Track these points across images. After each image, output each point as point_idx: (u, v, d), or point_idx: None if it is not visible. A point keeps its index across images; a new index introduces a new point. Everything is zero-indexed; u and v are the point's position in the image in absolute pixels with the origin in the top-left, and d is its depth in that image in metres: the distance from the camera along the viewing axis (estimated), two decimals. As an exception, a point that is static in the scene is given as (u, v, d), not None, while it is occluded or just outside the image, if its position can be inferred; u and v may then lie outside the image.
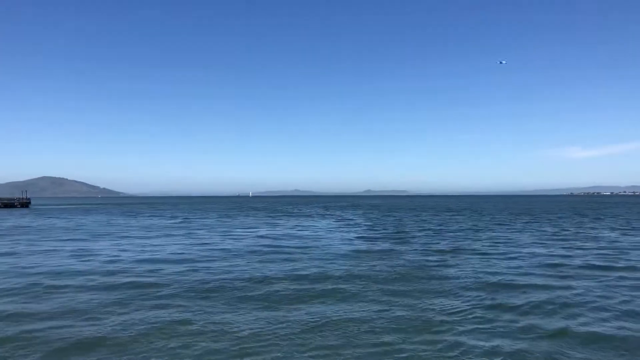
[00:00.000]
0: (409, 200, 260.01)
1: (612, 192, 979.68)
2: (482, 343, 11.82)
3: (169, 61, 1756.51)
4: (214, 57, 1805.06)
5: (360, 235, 41.30)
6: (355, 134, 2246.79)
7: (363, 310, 14.73)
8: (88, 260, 25.66)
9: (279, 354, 10.99)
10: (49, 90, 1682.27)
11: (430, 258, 26.22)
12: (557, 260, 25.10)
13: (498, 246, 31.94)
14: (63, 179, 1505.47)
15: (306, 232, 44.26)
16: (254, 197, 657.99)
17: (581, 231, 44.14)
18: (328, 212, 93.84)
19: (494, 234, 41.86)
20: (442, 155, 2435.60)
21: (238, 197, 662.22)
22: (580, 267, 23.10)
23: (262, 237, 39.74)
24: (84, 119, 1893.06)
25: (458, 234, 41.85)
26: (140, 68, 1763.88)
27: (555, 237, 38.10)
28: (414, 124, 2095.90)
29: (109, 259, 26.32)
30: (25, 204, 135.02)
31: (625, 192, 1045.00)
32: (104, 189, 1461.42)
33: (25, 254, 28.65)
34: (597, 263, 24.28)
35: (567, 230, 45.68)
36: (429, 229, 47.20)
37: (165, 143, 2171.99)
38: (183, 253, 28.83)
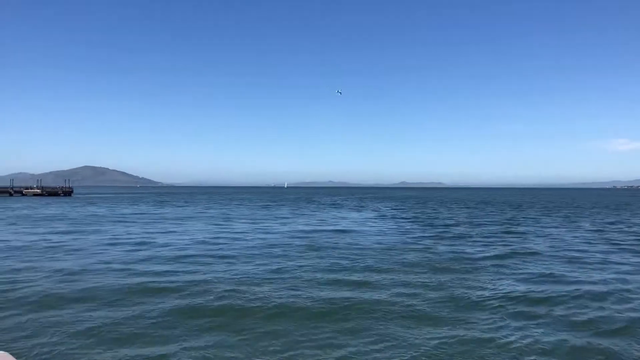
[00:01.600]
0: (445, 192, 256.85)
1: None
2: (527, 339, 11.39)
3: (209, 49, 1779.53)
4: (251, 41, 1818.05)
5: (394, 227, 41.03)
6: (391, 124, 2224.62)
7: (396, 301, 14.48)
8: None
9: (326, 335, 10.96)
10: (93, 82, 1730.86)
11: (467, 250, 25.81)
12: (600, 257, 24.29)
13: (536, 240, 31.12)
14: (104, 168, 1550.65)
15: (340, 224, 44.21)
16: (289, 187, 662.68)
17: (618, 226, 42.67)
18: (362, 204, 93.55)
19: (532, 228, 40.81)
20: (480, 146, 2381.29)
21: (274, 187, 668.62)
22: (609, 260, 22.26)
23: (297, 230, 39.88)
24: (125, 110, 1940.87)
25: (495, 227, 40.99)
26: (182, 58, 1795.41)
27: (595, 232, 36.91)
28: (451, 114, 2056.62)
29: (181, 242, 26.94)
30: (68, 192, 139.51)
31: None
32: (143, 178, 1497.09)
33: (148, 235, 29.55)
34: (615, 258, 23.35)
35: (607, 225, 44.20)
36: (464, 222, 46.45)
37: (202, 133, 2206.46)
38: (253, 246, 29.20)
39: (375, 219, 51.28)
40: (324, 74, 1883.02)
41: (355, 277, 18.33)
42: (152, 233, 34.48)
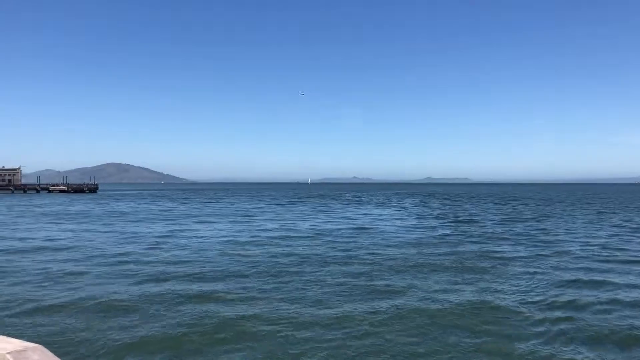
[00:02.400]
0: (471, 188, 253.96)
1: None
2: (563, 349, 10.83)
3: (235, 47, 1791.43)
4: (275, 35, 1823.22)
5: (418, 224, 40.56)
6: (415, 119, 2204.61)
7: (421, 302, 14.03)
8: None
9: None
10: (118, 80, 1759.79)
11: (495, 249, 25.20)
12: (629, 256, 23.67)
13: (567, 239, 30.35)
14: (129, 165, 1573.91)
15: (363, 221, 43.95)
16: (312, 184, 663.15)
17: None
18: (386, 200, 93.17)
19: (562, 225, 40.05)
20: (507, 141, 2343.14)
21: (297, 183, 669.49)
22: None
23: (319, 227, 40.02)
24: (150, 106, 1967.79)
25: (523, 224, 40.24)
26: (207, 56, 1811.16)
27: (632, 231, 36.10)
28: (478, 107, 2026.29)
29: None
30: (93, 189, 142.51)
31: None
32: (167, 175, 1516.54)
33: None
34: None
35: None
36: (492, 218, 45.86)
37: (227, 130, 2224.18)
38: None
39: (399, 215, 50.90)
40: (346, 67, 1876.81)
41: (380, 281, 17.98)
42: (176, 230, 34.99)
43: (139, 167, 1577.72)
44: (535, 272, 19.31)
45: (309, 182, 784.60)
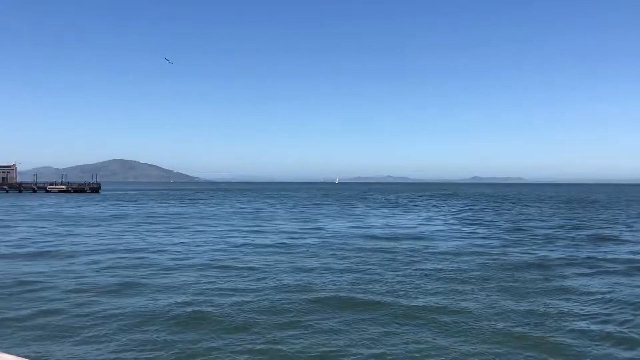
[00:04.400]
0: (523, 189, 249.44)
1: None
2: None
3: (251, 40, 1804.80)
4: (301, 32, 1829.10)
5: (462, 230, 40.01)
6: (460, 112, 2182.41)
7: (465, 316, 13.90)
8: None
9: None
10: (121, 72, 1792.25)
11: (549, 262, 24.48)
12: None
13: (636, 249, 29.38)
14: (135, 162, 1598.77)
15: (400, 225, 43.68)
16: (341, 183, 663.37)
17: None
18: (422, 203, 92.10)
19: (630, 233, 38.77)
20: (565, 134, 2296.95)
21: (324, 183, 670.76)
22: None
23: (339, 232, 39.59)
24: (157, 98, 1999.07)
25: (583, 232, 39.20)
26: (221, 47, 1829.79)
27: None
28: (530, 96, 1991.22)
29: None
30: (95, 189, 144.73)
31: None
32: (177, 173, 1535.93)
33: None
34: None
35: None
36: (547, 226, 44.68)
37: (242, 125, 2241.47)
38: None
39: (437, 221, 50.21)
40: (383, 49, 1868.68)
41: (415, 284, 17.76)
42: (169, 238, 35.05)
43: (146, 164, 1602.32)
44: (593, 288, 18.73)
45: (337, 181, 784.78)
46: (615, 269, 22.88)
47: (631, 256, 26.73)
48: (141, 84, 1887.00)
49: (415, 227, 42.84)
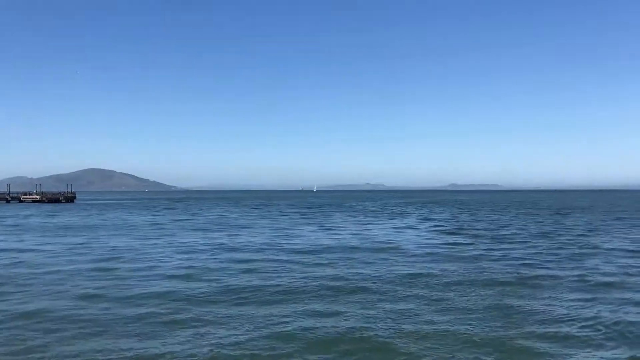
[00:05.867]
0: (501, 196, 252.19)
1: None
2: None
3: (226, 49, 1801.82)
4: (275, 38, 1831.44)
5: (438, 237, 40.15)
6: (437, 119, 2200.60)
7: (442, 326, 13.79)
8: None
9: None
10: (96, 79, 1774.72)
11: (523, 270, 24.64)
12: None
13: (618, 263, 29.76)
14: (111, 171, 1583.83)
15: (376, 233, 43.63)
16: (319, 191, 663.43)
17: None
18: (400, 210, 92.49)
19: (614, 244, 39.31)
20: (544, 139, 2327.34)
21: (302, 191, 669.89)
22: None
23: (326, 238, 39.44)
24: (134, 107, 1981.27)
25: (561, 239, 39.69)
26: (197, 56, 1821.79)
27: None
28: (509, 99, 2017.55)
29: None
30: (70, 198, 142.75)
31: None
32: (154, 182, 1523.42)
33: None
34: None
35: None
36: (525, 232, 45.11)
37: (222, 132, 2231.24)
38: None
39: (413, 229, 50.32)
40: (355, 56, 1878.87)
41: (393, 294, 17.74)
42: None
43: (123, 173, 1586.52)
44: (571, 298, 18.82)
45: (315, 189, 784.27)
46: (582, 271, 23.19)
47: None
48: (117, 92, 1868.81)
49: (391, 235, 42.94)
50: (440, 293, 18.94)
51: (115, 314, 15.86)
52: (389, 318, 15.38)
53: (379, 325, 14.60)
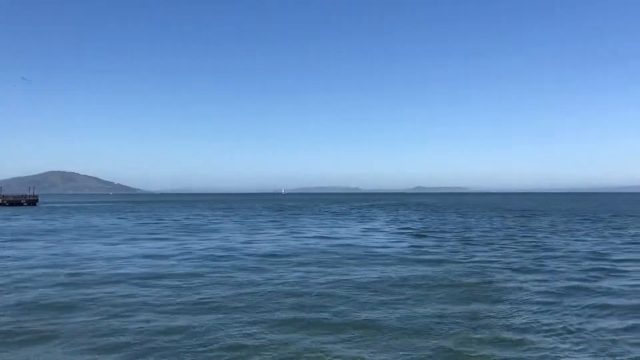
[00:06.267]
0: (466, 198, 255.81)
1: None
2: None
3: (189, 45, 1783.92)
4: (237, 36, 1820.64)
5: (404, 239, 40.00)
6: (404, 122, 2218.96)
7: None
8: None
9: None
10: (59, 80, 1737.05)
11: (488, 272, 24.58)
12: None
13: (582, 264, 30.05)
14: (74, 173, 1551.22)
15: (343, 235, 43.29)
16: (288, 194, 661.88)
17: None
18: (369, 212, 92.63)
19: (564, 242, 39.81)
20: (508, 144, 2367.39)
21: (269, 193, 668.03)
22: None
23: (285, 245, 38.96)
24: (98, 108, 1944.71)
25: (525, 240, 40.01)
26: (157, 56, 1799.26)
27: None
28: (473, 106, 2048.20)
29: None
30: (32, 201, 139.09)
31: None
32: (118, 184, 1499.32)
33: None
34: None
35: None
36: (491, 235, 45.41)
37: (188, 133, 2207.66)
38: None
39: (377, 231, 50.21)
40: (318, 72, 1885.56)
41: (361, 297, 17.37)
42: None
43: (86, 176, 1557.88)
44: (532, 293, 18.73)
45: (283, 192, 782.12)
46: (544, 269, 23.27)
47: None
48: (80, 92, 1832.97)
49: (358, 238, 42.67)
50: (403, 297, 18.66)
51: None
52: (345, 326, 15.03)
53: (320, 332, 14.23)
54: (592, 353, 12.64)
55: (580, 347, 13.10)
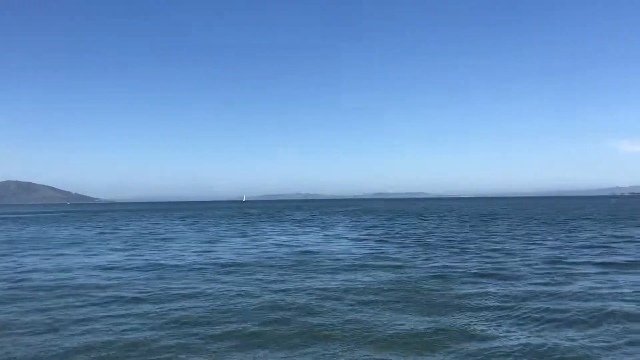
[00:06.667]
0: (428, 203, 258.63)
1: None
2: None
3: (149, 56, 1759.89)
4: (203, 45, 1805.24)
5: (366, 245, 39.72)
6: (365, 129, 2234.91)
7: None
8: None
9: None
10: (12, 85, 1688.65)
11: (448, 274, 24.54)
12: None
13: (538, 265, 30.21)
14: (31, 183, 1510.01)
15: (305, 242, 42.74)
16: (249, 201, 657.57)
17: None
18: (331, 219, 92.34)
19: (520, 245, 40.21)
20: (468, 149, 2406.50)
21: (230, 201, 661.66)
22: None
23: (253, 249, 38.22)
24: (54, 116, 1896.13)
25: (484, 243, 40.20)
26: (119, 62, 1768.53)
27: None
28: (435, 112, 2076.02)
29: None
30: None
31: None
32: (76, 194, 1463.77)
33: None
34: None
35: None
36: (452, 239, 45.54)
37: (144, 143, 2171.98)
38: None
39: (339, 237, 49.83)
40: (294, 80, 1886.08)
41: (322, 305, 16.84)
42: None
43: (44, 186, 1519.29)
44: (488, 295, 18.57)
45: (244, 199, 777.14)
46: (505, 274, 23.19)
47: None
48: (35, 98, 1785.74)
49: (319, 244, 42.18)
50: (362, 304, 18.25)
51: None
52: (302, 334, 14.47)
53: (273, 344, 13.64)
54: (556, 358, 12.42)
55: (542, 349, 12.92)
